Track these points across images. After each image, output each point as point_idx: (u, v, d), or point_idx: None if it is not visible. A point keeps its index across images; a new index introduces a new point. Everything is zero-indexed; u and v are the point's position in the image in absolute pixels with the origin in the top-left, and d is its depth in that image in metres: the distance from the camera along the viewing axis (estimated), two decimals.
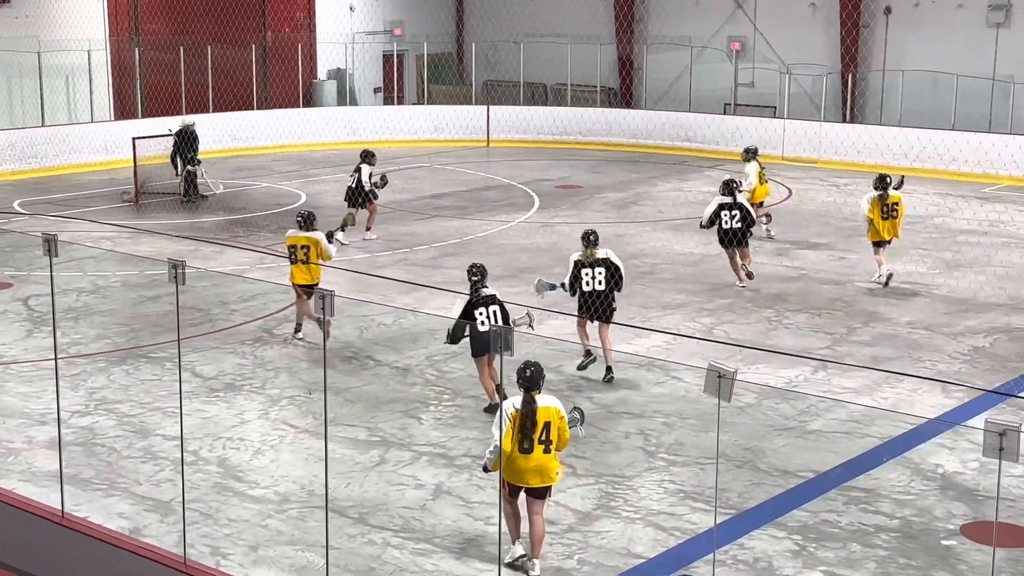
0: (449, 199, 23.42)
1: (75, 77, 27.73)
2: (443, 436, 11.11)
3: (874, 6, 28.99)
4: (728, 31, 31.24)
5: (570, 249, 18.82)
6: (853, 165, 26.59)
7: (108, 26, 28.51)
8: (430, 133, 30.49)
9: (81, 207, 22.11)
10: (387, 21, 34.23)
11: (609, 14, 33.05)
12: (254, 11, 31.58)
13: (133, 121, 27.06)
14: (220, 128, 28.20)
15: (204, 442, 10.87)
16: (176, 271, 6.96)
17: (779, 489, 9.94)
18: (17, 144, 25.48)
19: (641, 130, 30.03)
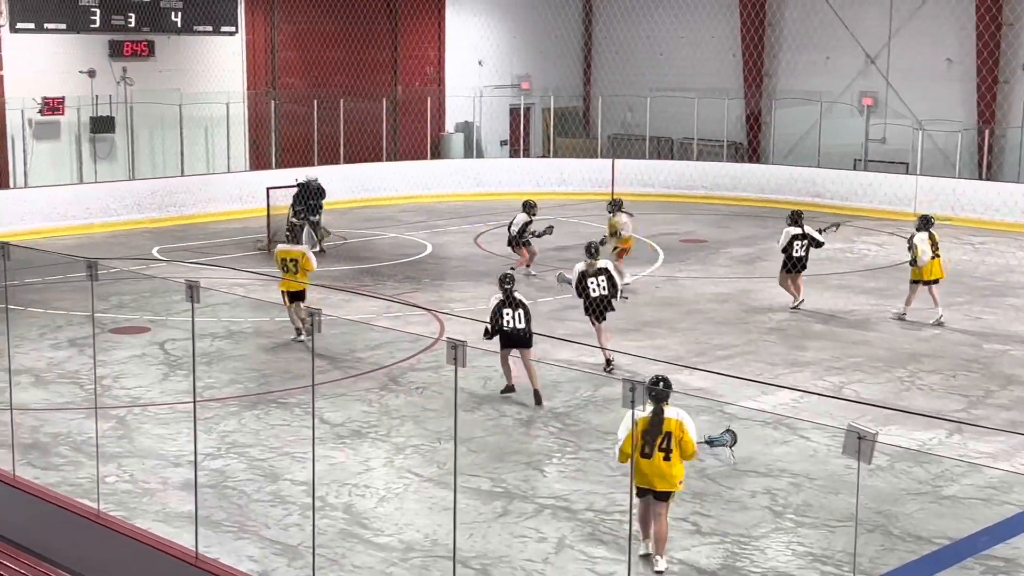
0: (573, 251, 23.40)
1: (214, 128, 28.66)
2: (566, 489, 11.07)
3: (1013, 62, 28.34)
4: (859, 86, 30.84)
5: (694, 303, 18.75)
6: (989, 224, 25.91)
7: (247, 79, 29.44)
8: (555, 185, 30.67)
9: (216, 254, 22.76)
10: (515, 75, 34.66)
11: (737, 69, 32.93)
12: (386, 66, 32.29)
13: (267, 172, 27.83)
14: (350, 179, 28.82)
15: (330, 488, 11.01)
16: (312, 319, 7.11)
17: (912, 556, 9.66)
18: (158, 193, 26.39)
19: (768, 185, 29.76)
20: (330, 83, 30.22)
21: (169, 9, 27.78)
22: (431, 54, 33.03)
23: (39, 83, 25.83)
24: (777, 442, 12.37)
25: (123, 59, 27.22)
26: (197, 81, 28.23)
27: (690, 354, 15.83)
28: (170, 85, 27.63)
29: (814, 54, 31.48)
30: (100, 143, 27.11)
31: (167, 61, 27.95)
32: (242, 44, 29.34)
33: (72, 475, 11.20)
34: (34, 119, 25.96)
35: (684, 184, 30.58)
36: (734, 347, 16.14)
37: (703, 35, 33.30)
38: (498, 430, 12.77)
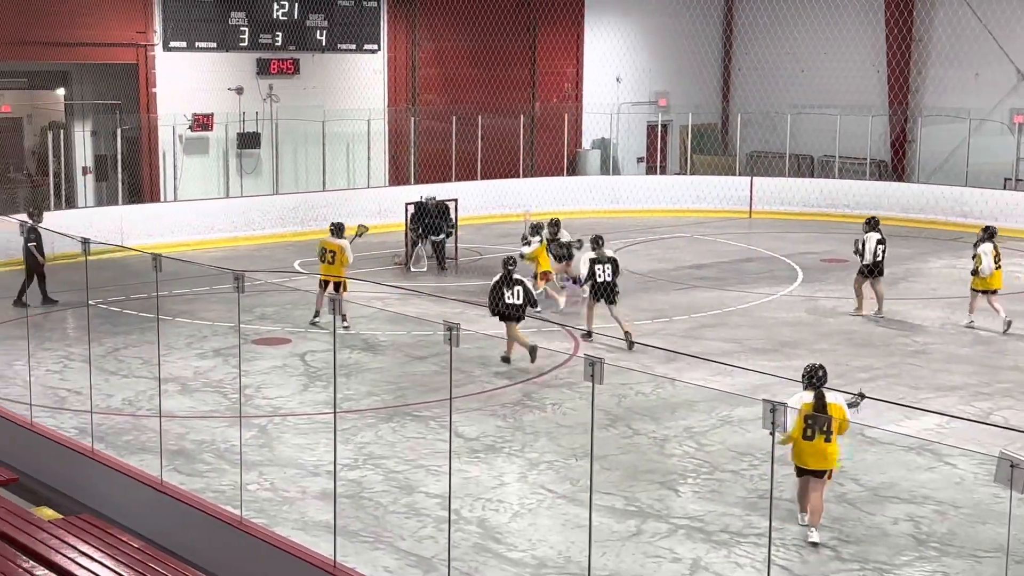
0: (709, 270, 23.24)
1: (355, 144, 29.23)
2: (701, 510, 10.94)
3: None
4: (1010, 103, 29.87)
5: (834, 323, 18.36)
6: None
7: (388, 96, 29.96)
8: (692, 203, 30.41)
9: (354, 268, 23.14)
10: (653, 92, 34.53)
11: (882, 85, 32.22)
12: (524, 83, 32.49)
13: (406, 187, 28.22)
14: (487, 195, 29.06)
15: (465, 502, 11.09)
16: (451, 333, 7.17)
17: None
18: (300, 207, 27.01)
19: (913, 204, 29.00)
20: (468, 100, 30.55)
21: (314, 28, 28.47)
22: (569, 71, 33.13)
23: (190, 100, 26.72)
24: (921, 468, 12.03)
25: (269, 76, 27.97)
26: (340, 98, 28.83)
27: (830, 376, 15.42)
28: (314, 102, 28.30)
29: (963, 70, 30.61)
30: (246, 158, 27.90)
31: (311, 78, 28.62)
32: (384, 62, 29.88)
33: (215, 482, 11.50)
34: (184, 135, 26.85)
35: (825, 202, 30.01)
36: (875, 369, 15.76)
37: (846, 51, 32.64)
38: (632, 448, 12.70)
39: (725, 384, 14.78)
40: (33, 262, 19.14)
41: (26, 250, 18.97)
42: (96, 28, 25.43)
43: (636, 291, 20.92)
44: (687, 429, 13.29)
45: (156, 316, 12.85)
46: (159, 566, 8.48)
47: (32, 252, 19.06)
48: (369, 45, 29.50)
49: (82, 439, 11.95)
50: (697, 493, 11.41)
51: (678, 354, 16.09)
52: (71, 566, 8.38)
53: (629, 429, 13.30)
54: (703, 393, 14.49)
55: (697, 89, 34.90)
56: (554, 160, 32.04)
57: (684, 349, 16.70)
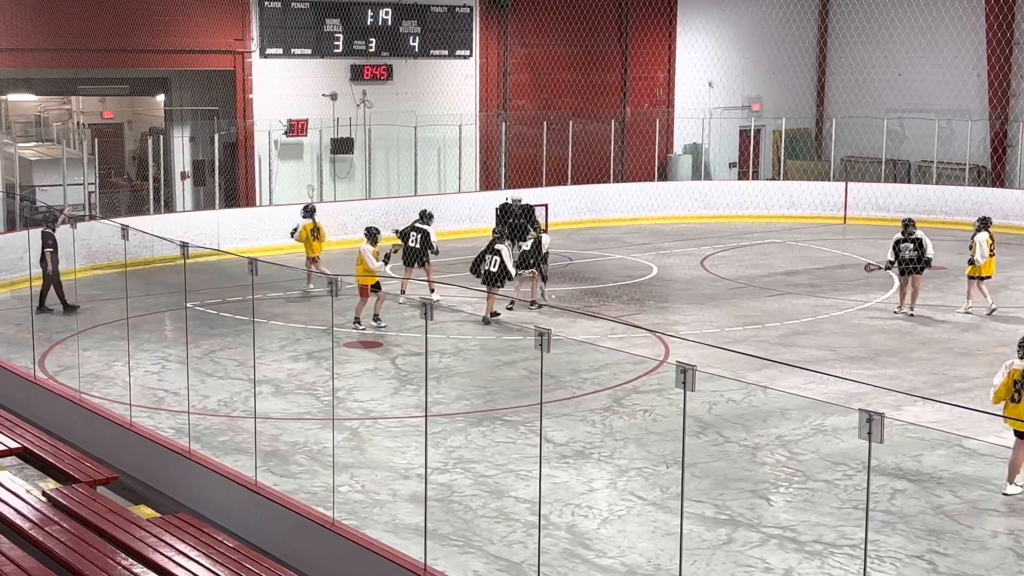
0: (802, 276, 22.94)
1: (446, 149, 29.42)
2: (793, 519, 10.81)
3: None
4: None
5: (931, 332, 18.01)
6: None
7: (479, 101, 30.11)
8: (784, 209, 30.06)
9: (446, 273, 23.29)
10: (746, 96, 34.22)
11: (982, 89, 31.53)
12: (615, 88, 32.42)
13: (496, 192, 28.31)
14: (577, 200, 29.04)
15: (554, 507, 11.09)
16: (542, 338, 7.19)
17: None
18: (392, 212, 27.18)
19: (1014, 210, 28.30)
20: (559, 105, 30.57)
21: (408, 34, 28.72)
22: (661, 76, 32.98)
23: (285, 106, 27.13)
24: None
25: (363, 82, 28.29)
26: (432, 103, 29.04)
27: (926, 385, 15.23)
28: (406, 107, 28.54)
29: None
30: (340, 163, 28.24)
31: (404, 84, 28.88)
32: (476, 67, 30.04)
33: (308, 483, 11.66)
34: (280, 140, 27.27)
35: (922, 209, 29.35)
36: (974, 379, 15.42)
37: (945, 54, 32.01)
38: (723, 456, 12.59)
39: (818, 392, 14.59)
40: (45, 269, 19.33)
41: (42, 256, 19.16)
42: (194, 36, 25.96)
43: (729, 297, 20.77)
44: (779, 437, 13.14)
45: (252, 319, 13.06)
46: (253, 566, 8.62)
47: (46, 258, 19.24)
48: (461, 51, 29.67)
49: (179, 439, 12.19)
50: (789, 502, 11.28)
51: (771, 361, 15.92)
52: (168, 564, 8.56)
53: (720, 436, 13.20)
54: (796, 401, 14.32)
55: (791, 94, 34.48)
56: (645, 165, 31.91)
57: (777, 356, 16.51)
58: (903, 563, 9.83)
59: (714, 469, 12.17)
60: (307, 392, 14.96)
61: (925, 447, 12.69)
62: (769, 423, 13.66)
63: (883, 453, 12.38)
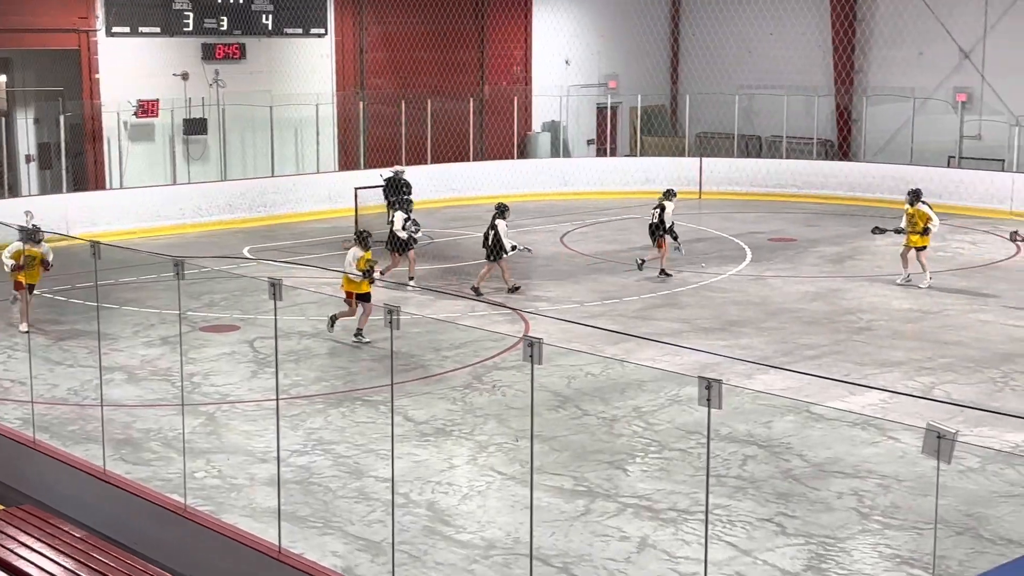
0: None
1: (303, 130, 29.05)
2: (649, 488, 11.02)
3: None
4: (954, 82, 30.20)
5: (781, 302, 18.53)
6: None
7: (336, 81, 29.79)
8: (642, 185, 30.49)
9: (305, 254, 23.07)
10: (602, 74, 34.58)
11: (827, 65, 32.46)
12: (473, 66, 32.43)
13: (355, 172, 28.11)
14: (437, 179, 28.99)
15: (414, 485, 11.10)
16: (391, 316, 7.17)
17: (1003, 558, 9.43)
18: (248, 193, 26.82)
19: (859, 183, 29.27)
20: (417, 83, 30.45)
21: (260, 12, 28.23)
22: (518, 54, 33.10)
23: (134, 86, 26.41)
24: (865, 443, 12.17)
25: (215, 62, 27.71)
26: (287, 83, 28.64)
27: (777, 353, 15.65)
28: (261, 87, 28.07)
29: (906, 50, 30.90)
30: (193, 144, 27.65)
31: (258, 63, 28.39)
32: (331, 46, 29.70)
33: (162, 470, 11.43)
34: (129, 121, 26.56)
35: (773, 182, 30.24)
36: (822, 347, 15.92)
37: (792, 31, 32.87)
38: (581, 429, 12.76)
39: (674, 364, 14.88)
40: None
41: None
42: (37, 14, 25.08)
43: (588, 273, 21.02)
44: (636, 409, 13.37)
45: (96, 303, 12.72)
46: (102, 555, 8.43)
47: None
48: (316, 29, 29.30)
49: (26, 430, 11.83)
50: (645, 472, 11.49)
51: (628, 335, 16.18)
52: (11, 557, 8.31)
53: (578, 410, 13.36)
54: (652, 373, 14.58)
55: (646, 71, 34.99)
56: (504, 143, 32.02)
57: (634, 330, 16.79)
58: (753, 527, 10.11)
59: (573, 442, 12.32)
60: (162, 378, 14.65)
61: (775, 414, 13.06)
62: (626, 395, 13.88)
63: (735, 420, 12.72)
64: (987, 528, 10.01)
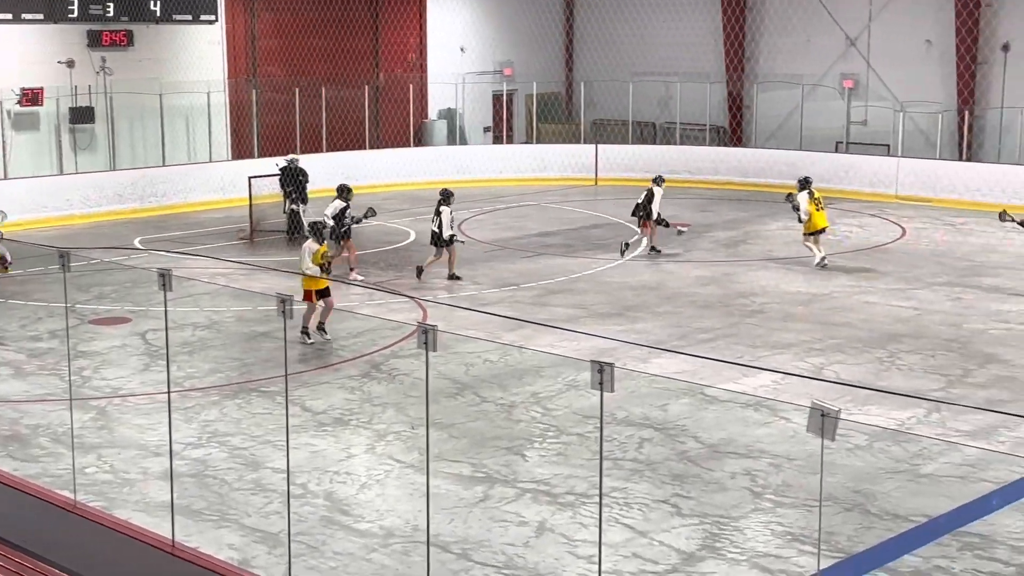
0: (556, 237, 23.47)
1: (195, 118, 28.56)
2: (547, 473, 11.10)
3: (991, 43, 28.38)
4: (840, 68, 30.88)
5: (676, 287, 18.78)
6: (970, 204, 26.00)
7: (227, 68, 29.33)
8: (538, 171, 30.65)
9: (198, 244, 22.71)
10: (497, 61, 34.61)
11: (718, 52, 32.94)
12: (367, 53, 32.21)
13: (249, 161, 27.72)
14: (333, 167, 28.67)
15: (312, 476, 11.02)
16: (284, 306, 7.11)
17: (890, 533, 9.71)
18: (138, 183, 26.30)
19: (750, 168, 29.78)
20: (311, 71, 30.13)
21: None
22: (412, 41, 32.96)
23: (17, 74, 25.69)
24: (757, 424, 12.41)
25: (102, 49, 27.08)
26: (177, 71, 28.11)
27: (672, 337, 15.86)
28: (150, 75, 27.51)
29: (795, 37, 31.50)
30: (80, 133, 26.99)
31: (146, 51, 27.81)
32: (222, 33, 29.21)
33: (52, 466, 11.17)
34: (12, 110, 25.83)
35: (666, 168, 30.39)
36: (716, 330, 16.19)
37: (684, 19, 33.28)
38: (480, 415, 12.79)
39: (571, 349, 14.99)
40: None
41: None
42: None
43: (485, 260, 21.05)
44: (534, 395, 13.44)
45: None
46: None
47: None
48: (205, 16, 28.77)
49: None
50: (543, 457, 11.56)
51: (525, 321, 16.26)
52: None
53: (477, 397, 13.39)
54: (549, 359, 14.67)
55: (541, 58, 35.11)
56: (400, 131, 31.88)
57: (531, 316, 16.87)
58: (650, 508, 10.25)
59: (471, 429, 12.34)
60: (51, 372, 14.31)
61: (671, 397, 13.24)
62: (524, 381, 13.95)
63: (631, 404, 12.87)
64: (874, 504, 10.28)
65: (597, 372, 6.06)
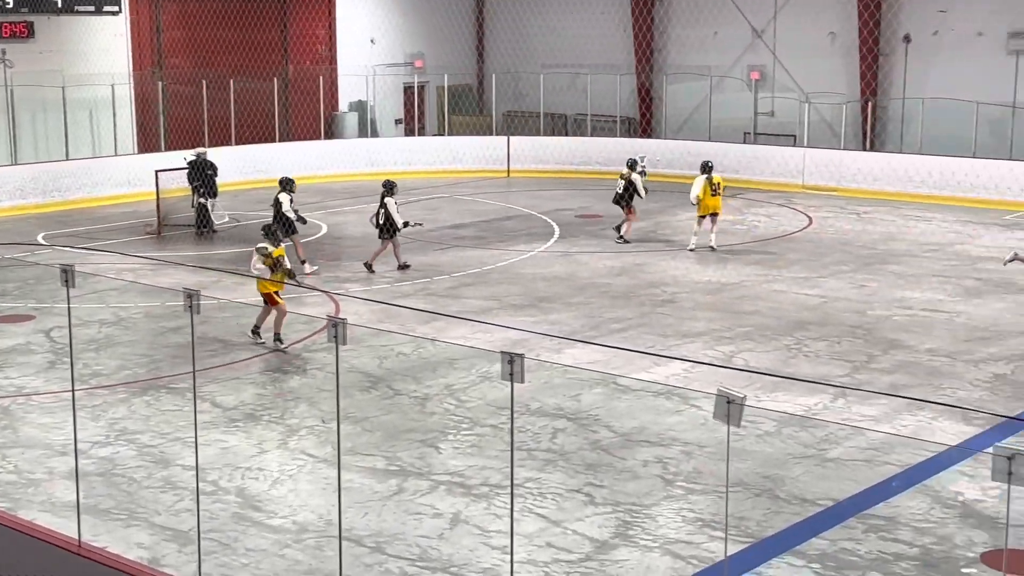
0: (469, 229, 23.48)
1: (99, 111, 28.02)
2: (461, 465, 11.11)
3: (893, 35, 29.00)
4: (747, 60, 31.31)
5: (588, 278, 18.90)
6: (874, 193, 26.56)
7: (132, 60, 28.81)
8: (450, 164, 30.62)
9: (104, 239, 22.31)
10: (408, 53, 34.48)
11: (628, 44, 33.19)
12: (276, 45, 31.88)
13: (156, 154, 27.27)
14: (242, 160, 28.41)
15: (223, 472, 10.91)
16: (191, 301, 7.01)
17: (797, 517, 9.90)
18: (41, 178, 25.73)
19: (661, 159, 30.04)
20: (218, 63, 29.74)
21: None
22: (321, 32, 32.69)
23: None
24: (669, 412, 12.55)
25: (2, 40, 26.44)
26: (80, 63, 27.55)
27: (584, 328, 15.97)
28: (52, 67, 26.92)
29: (703, 29, 31.86)
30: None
31: (48, 42, 27.21)
32: (126, 24, 28.68)
33: None
34: None
35: (579, 160, 30.79)
36: (628, 320, 16.33)
37: (594, 11, 33.49)
38: (393, 408, 12.76)
39: (485, 341, 15.02)
40: None
41: None
42: None
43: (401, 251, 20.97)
44: (447, 387, 13.44)
45: None
46: None
47: None
48: (109, 7, 28.16)
49: None
50: (457, 449, 11.57)
51: (437, 314, 16.25)
52: None
53: (390, 390, 13.36)
54: (463, 351, 14.68)
55: (452, 50, 35.05)
56: (310, 123, 31.61)
57: (445, 308, 16.87)
58: (563, 498, 10.32)
59: (385, 422, 12.31)
60: None
61: (584, 386, 13.33)
62: (438, 373, 13.94)
63: (544, 395, 12.93)
64: (783, 488, 10.47)
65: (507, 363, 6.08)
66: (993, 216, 24.18)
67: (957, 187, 25.56)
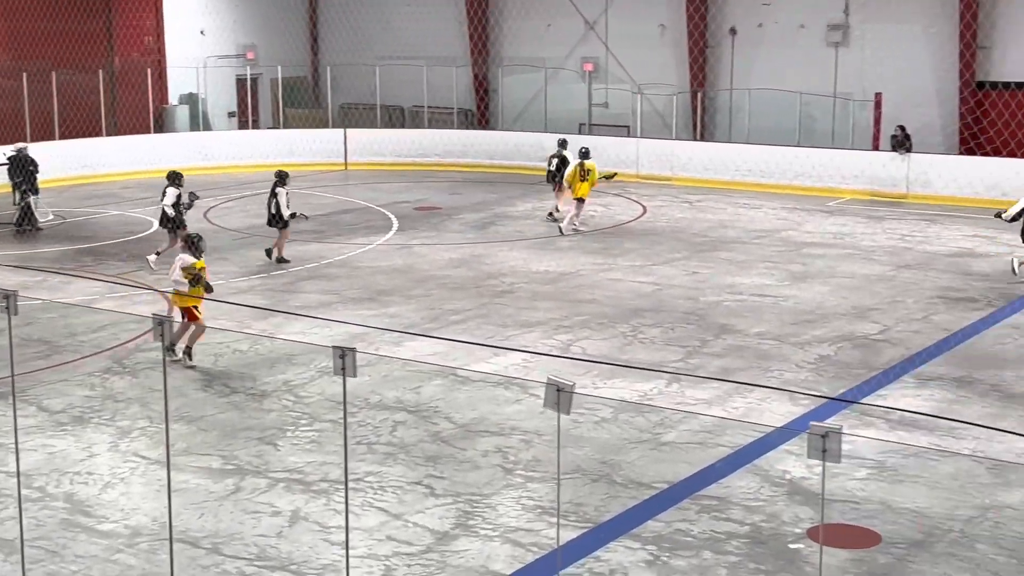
0: (306, 223, 23.15)
1: None
2: (300, 461, 10.98)
3: (719, 27, 29.77)
4: (581, 52, 31.72)
5: (427, 270, 18.89)
6: (705, 182, 27.24)
7: None
8: (285, 157, 30.11)
9: None
10: (239, 45, 33.83)
11: (463, 36, 33.25)
12: (100, 36, 30.87)
13: None
14: (67, 155, 27.47)
15: (51, 477, 10.54)
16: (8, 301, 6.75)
17: (634, 501, 10.09)
18: None
19: (498, 151, 30.25)
20: (39, 55, 28.65)
21: None
22: (148, 23, 31.80)
23: None
24: (509, 401, 12.64)
25: None
26: None
27: (424, 320, 15.96)
28: None
29: (536, 21, 32.15)
30: None
31: None
32: None
33: None
34: None
35: (416, 152, 30.74)
36: (467, 311, 16.38)
37: (428, 4, 33.45)
38: (230, 407, 12.53)
39: (324, 336, 14.87)
40: None
41: None
42: None
43: (235, 248, 20.64)
44: (286, 383, 13.26)
45: None
46: None
47: None
48: None
49: None
50: (296, 446, 11.43)
51: (274, 311, 16.02)
52: None
53: (226, 387, 13.11)
54: (301, 347, 14.50)
55: (285, 42, 34.55)
56: (139, 117, 30.72)
57: (282, 304, 16.63)
58: (404, 491, 10.29)
59: (221, 420, 12.08)
60: None
61: (424, 379, 13.32)
62: (276, 370, 13.74)
63: (384, 388, 12.88)
64: (620, 473, 10.66)
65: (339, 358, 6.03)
66: (817, 203, 25.07)
67: (783, 175, 26.44)
